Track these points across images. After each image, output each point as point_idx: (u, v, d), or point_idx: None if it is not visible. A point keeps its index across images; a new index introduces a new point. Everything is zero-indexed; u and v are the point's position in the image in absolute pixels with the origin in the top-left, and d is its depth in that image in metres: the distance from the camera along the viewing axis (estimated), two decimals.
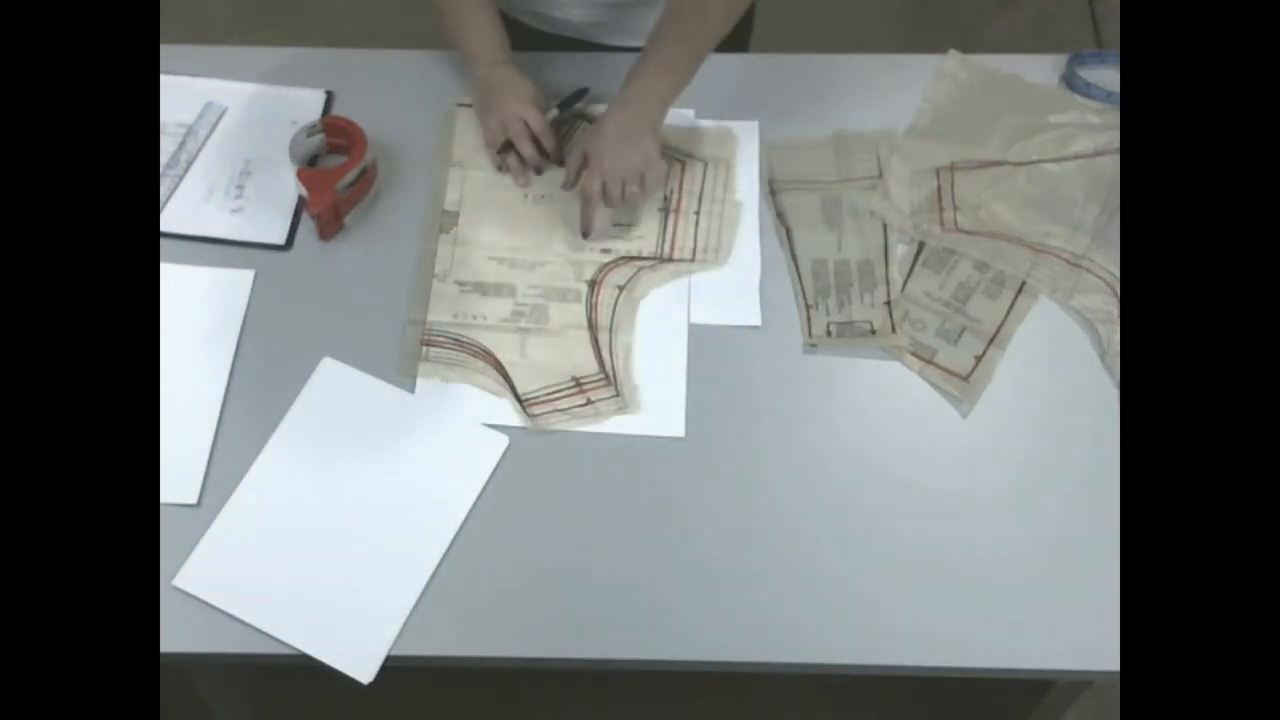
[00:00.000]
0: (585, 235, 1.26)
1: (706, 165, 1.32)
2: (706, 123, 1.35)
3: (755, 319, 1.22)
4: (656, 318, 1.22)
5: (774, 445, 1.14)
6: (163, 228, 1.27)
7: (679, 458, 1.14)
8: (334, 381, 1.17)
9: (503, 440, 1.14)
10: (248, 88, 1.38)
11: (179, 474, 1.11)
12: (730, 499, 1.11)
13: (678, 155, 1.33)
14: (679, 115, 1.36)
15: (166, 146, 1.33)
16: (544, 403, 1.16)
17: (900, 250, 1.26)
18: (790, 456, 1.14)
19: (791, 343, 1.21)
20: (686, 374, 1.18)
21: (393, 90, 1.38)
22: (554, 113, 1.32)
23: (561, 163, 1.32)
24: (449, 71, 1.39)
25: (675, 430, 1.15)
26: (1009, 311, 1.22)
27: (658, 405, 1.16)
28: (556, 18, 1.40)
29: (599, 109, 1.36)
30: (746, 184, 1.31)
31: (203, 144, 1.34)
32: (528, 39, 1.43)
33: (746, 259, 1.26)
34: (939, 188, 1.30)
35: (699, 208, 1.29)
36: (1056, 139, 1.34)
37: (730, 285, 1.24)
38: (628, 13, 1.37)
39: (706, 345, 1.20)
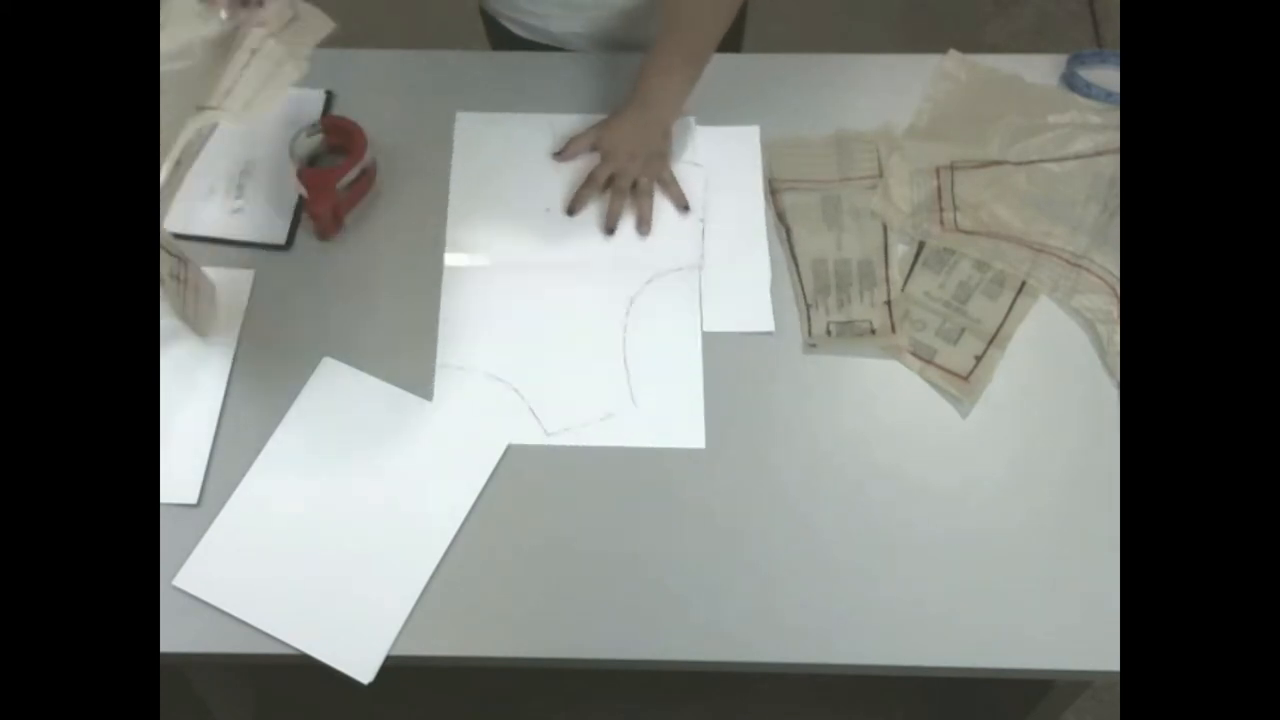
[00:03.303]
0: (571, 213, 1.27)
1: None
2: (707, 128, 1.35)
3: (768, 324, 1.22)
4: (669, 327, 1.21)
5: (784, 448, 1.14)
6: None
7: (680, 458, 1.14)
8: (334, 381, 1.17)
9: (503, 440, 1.14)
10: None
11: (179, 474, 1.11)
12: (733, 500, 1.11)
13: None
14: (678, 122, 1.36)
15: None
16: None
17: (900, 250, 1.26)
18: (797, 457, 1.14)
19: (795, 344, 1.21)
20: (704, 383, 1.17)
21: (393, 90, 1.38)
22: None
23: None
24: (449, 71, 1.39)
25: (695, 442, 1.14)
26: (1009, 311, 1.22)
27: (677, 417, 1.15)
28: (537, 26, 1.41)
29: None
30: (748, 187, 1.31)
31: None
32: (515, 46, 1.45)
33: (755, 263, 1.26)
34: (939, 187, 1.30)
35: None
36: (1056, 139, 1.34)
37: (741, 291, 1.24)
38: (604, 25, 1.38)
39: (721, 353, 1.20)
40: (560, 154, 1.31)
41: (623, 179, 1.26)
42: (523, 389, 1.17)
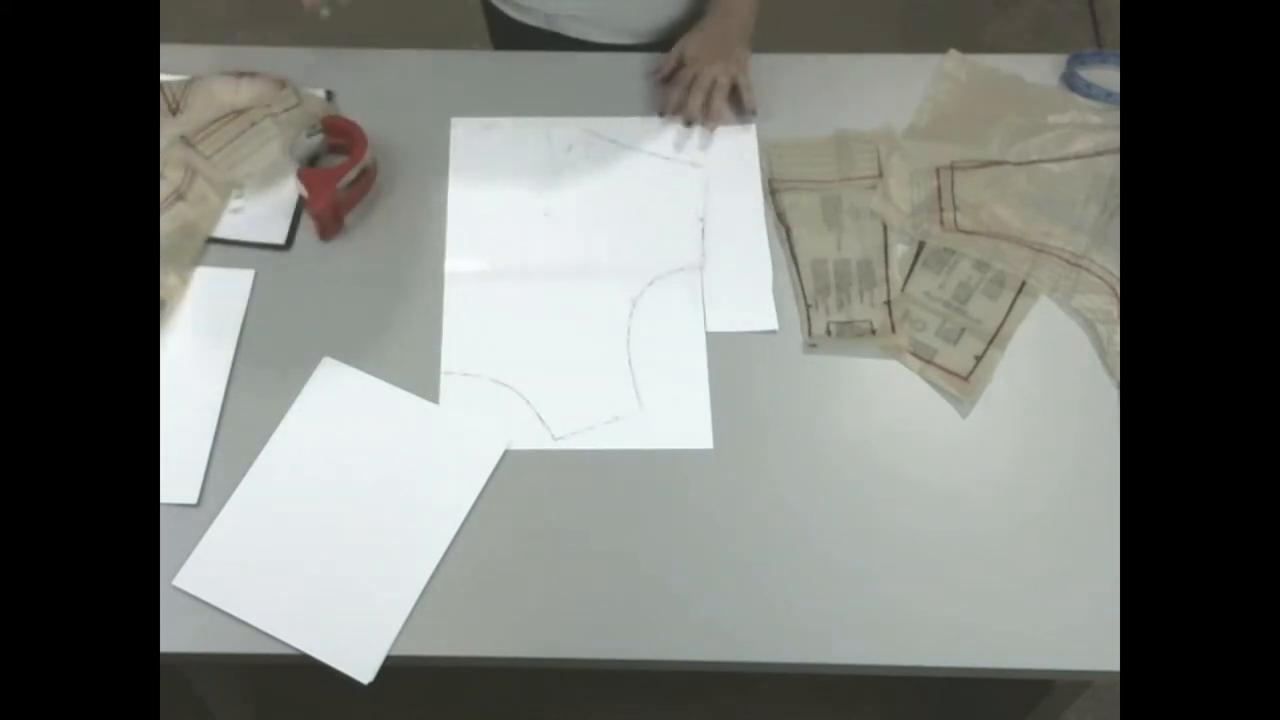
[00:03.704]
0: (662, 114, 1.35)
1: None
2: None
3: (772, 323, 1.22)
4: (673, 328, 1.21)
5: (784, 448, 1.14)
6: None
7: (687, 458, 1.14)
8: (334, 381, 1.17)
9: (504, 439, 1.14)
10: None
11: (179, 474, 1.11)
12: (734, 500, 1.11)
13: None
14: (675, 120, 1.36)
15: None
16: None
17: (900, 250, 1.26)
18: (797, 457, 1.14)
19: (795, 344, 1.21)
20: (709, 383, 1.17)
21: (393, 90, 1.38)
22: None
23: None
24: (449, 71, 1.39)
25: (704, 443, 1.14)
26: (1009, 311, 1.22)
27: (685, 418, 1.15)
28: (533, 7, 1.41)
29: None
30: (748, 187, 1.31)
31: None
32: (511, 31, 1.46)
33: (757, 262, 1.25)
34: (939, 188, 1.30)
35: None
36: (1056, 139, 1.34)
37: (744, 290, 1.24)
38: (596, 5, 1.38)
39: (725, 353, 1.19)
40: (656, 73, 1.36)
41: (703, 78, 1.33)
42: (528, 394, 1.17)
